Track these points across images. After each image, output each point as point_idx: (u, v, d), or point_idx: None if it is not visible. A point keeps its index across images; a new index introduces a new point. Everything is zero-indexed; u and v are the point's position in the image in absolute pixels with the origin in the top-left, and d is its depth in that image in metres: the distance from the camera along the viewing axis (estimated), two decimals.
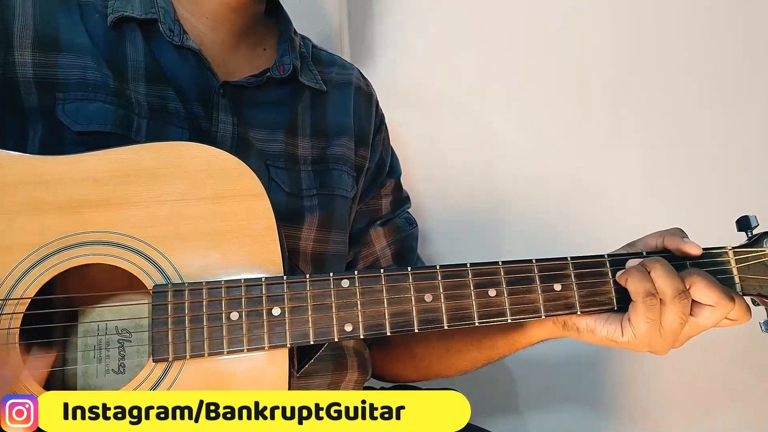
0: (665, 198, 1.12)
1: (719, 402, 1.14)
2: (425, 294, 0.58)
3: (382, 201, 0.86)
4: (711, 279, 0.59)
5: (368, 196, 0.84)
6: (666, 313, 0.58)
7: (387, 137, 0.89)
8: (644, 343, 0.60)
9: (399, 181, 0.89)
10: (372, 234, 0.84)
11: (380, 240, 0.84)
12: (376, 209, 0.85)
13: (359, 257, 0.83)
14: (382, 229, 0.85)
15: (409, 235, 0.87)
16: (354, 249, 0.83)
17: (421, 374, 0.85)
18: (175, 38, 0.69)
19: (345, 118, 0.81)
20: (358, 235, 0.83)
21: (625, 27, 1.15)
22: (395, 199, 0.87)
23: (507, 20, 1.15)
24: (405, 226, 0.87)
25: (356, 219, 0.83)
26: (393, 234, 0.85)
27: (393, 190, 0.87)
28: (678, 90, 1.15)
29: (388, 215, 0.86)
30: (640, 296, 0.58)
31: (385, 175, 0.86)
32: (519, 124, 1.14)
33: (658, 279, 0.58)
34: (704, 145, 1.14)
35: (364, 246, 0.83)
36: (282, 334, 0.55)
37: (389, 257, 0.85)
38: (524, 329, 0.70)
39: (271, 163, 0.73)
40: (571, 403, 1.14)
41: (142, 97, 0.67)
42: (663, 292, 0.58)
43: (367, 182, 0.83)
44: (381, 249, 0.84)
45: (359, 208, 0.83)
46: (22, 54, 0.64)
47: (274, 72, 0.74)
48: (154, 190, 0.57)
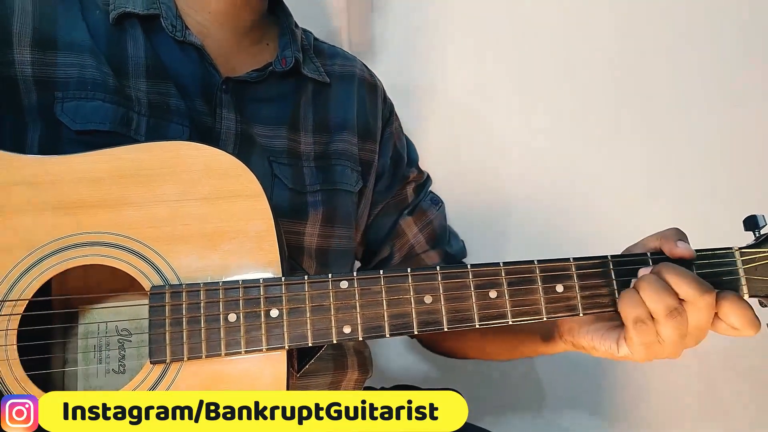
0: (669, 197, 1.11)
1: (720, 405, 1.13)
2: (425, 295, 0.57)
3: (406, 190, 0.86)
4: (745, 307, 0.57)
5: (393, 190, 0.84)
6: (662, 329, 0.56)
7: (399, 127, 0.88)
8: (645, 359, 0.59)
9: (418, 167, 0.89)
10: (402, 224, 0.84)
11: (411, 228, 0.85)
12: (402, 200, 0.86)
13: (395, 249, 0.84)
14: (411, 217, 0.85)
15: (437, 215, 0.87)
16: (389, 243, 0.83)
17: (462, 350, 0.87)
18: (177, 34, 0.69)
19: (347, 112, 0.80)
20: (390, 229, 0.84)
21: (626, 27, 1.14)
22: (418, 186, 0.88)
23: (508, 19, 1.14)
24: (431, 207, 0.87)
25: (385, 213, 0.84)
26: (422, 219, 0.86)
27: (415, 177, 0.87)
28: (680, 89, 1.13)
29: (413, 201, 0.86)
30: (630, 322, 0.57)
31: (405, 166, 0.86)
32: (520, 124, 1.13)
33: (647, 300, 0.56)
34: (708, 144, 1.12)
35: (397, 238, 0.84)
36: (280, 336, 0.55)
37: (423, 242, 0.85)
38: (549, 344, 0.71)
39: (274, 159, 0.72)
40: (570, 404, 1.14)
41: (142, 94, 0.67)
42: (654, 312, 0.56)
43: (389, 178, 0.84)
44: (413, 236, 0.85)
45: (387, 202, 0.84)
46: (21, 52, 0.64)
47: (276, 65, 0.73)
48: (152, 190, 0.57)
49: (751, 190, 1.10)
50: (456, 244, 0.89)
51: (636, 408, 1.13)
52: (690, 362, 1.11)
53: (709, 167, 1.12)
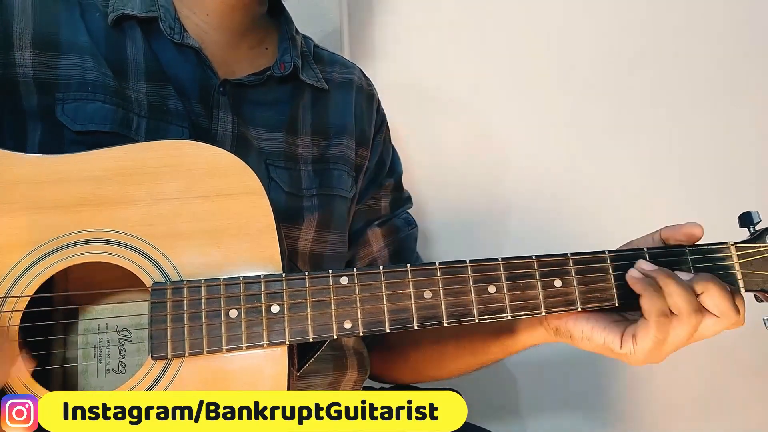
0: (666, 195, 1.12)
1: (720, 405, 1.13)
2: (424, 290, 0.57)
3: (381, 201, 0.85)
4: (724, 287, 0.57)
5: (367, 195, 0.83)
6: (677, 327, 0.56)
7: (388, 137, 0.88)
8: (641, 359, 0.59)
9: (399, 182, 0.88)
10: (370, 234, 0.83)
11: (378, 240, 0.84)
12: (374, 209, 0.85)
13: (357, 257, 0.83)
14: (380, 229, 0.84)
15: (407, 236, 0.86)
16: (352, 249, 0.82)
17: (415, 377, 0.84)
18: (175, 36, 0.69)
19: (346, 118, 0.81)
20: (356, 236, 0.82)
21: (626, 26, 1.15)
22: (394, 200, 0.87)
23: (507, 19, 1.15)
24: (403, 226, 0.86)
25: (355, 219, 0.82)
26: (391, 234, 0.85)
27: (392, 190, 0.86)
28: (678, 87, 1.14)
29: (386, 216, 0.85)
30: (653, 315, 0.56)
31: (384, 175, 0.85)
32: (519, 123, 1.14)
33: (674, 296, 0.56)
34: (704, 142, 1.14)
35: (362, 246, 0.83)
36: (281, 332, 0.55)
37: (386, 257, 0.84)
38: (515, 334, 0.70)
39: (270, 162, 0.73)
40: (570, 404, 1.14)
41: (142, 95, 0.67)
42: (679, 310, 0.56)
43: (366, 182, 0.83)
44: (378, 250, 0.84)
45: (358, 208, 0.83)
46: (21, 54, 0.64)
47: (275, 70, 0.74)
48: (154, 188, 0.57)
49: (746, 187, 1.11)
50: None
51: (636, 408, 1.13)
52: (691, 362, 1.11)
53: (704, 165, 1.13)
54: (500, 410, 1.12)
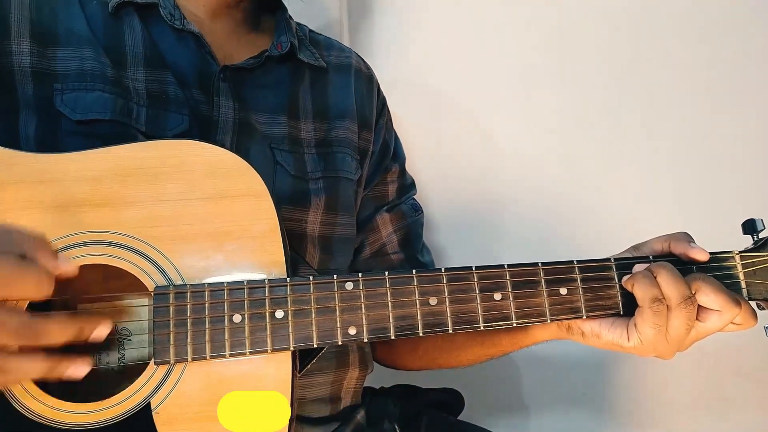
0: (668, 199, 1.12)
1: (721, 406, 1.15)
2: (430, 297, 0.57)
3: (388, 187, 0.86)
4: (717, 284, 0.59)
5: (374, 181, 0.84)
6: (672, 318, 0.58)
7: (390, 121, 0.88)
8: (650, 349, 0.60)
9: (404, 167, 0.89)
10: (378, 220, 0.84)
11: (386, 226, 0.84)
12: (382, 195, 0.85)
13: (366, 243, 0.83)
14: (388, 215, 0.84)
15: (414, 221, 0.87)
16: (361, 235, 0.83)
17: (423, 365, 0.85)
18: (176, 22, 0.69)
19: (346, 100, 0.81)
20: (365, 222, 0.83)
21: (626, 27, 1.14)
22: (401, 186, 0.87)
23: (507, 17, 1.14)
24: (410, 212, 0.87)
25: (363, 205, 0.83)
26: (399, 220, 0.85)
27: (398, 176, 0.87)
28: (679, 90, 1.13)
29: (393, 201, 0.86)
30: (647, 302, 0.58)
31: (390, 159, 0.86)
32: (519, 123, 1.13)
33: (664, 284, 0.58)
34: (707, 147, 1.13)
35: (371, 232, 0.83)
36: (285, 337, 0.55)
37: (395, 243, 0.84)
38: (528, 330, 0.70)
39: (275, 146, 0.72)
40: (572, 403, 1.14)
41: (140, 83, 0.67)
42: (669, 298, 0.57)
43: (372, 167, 0.83)
44: (387, 235, 0.84)
45: (366, 194, 0.83)
46: (18, 43, 0.63)
47: (273, 50, 0.74)
48: (155, 189, 0.56)
49: (751, 193, 1.11)
50: (428, 256, 0.88)
51: (637, 408, 1.14)
52: (692, 363, 1.12)
53: (708, 170, 1.13)
54: (503, 408, 1.13)
